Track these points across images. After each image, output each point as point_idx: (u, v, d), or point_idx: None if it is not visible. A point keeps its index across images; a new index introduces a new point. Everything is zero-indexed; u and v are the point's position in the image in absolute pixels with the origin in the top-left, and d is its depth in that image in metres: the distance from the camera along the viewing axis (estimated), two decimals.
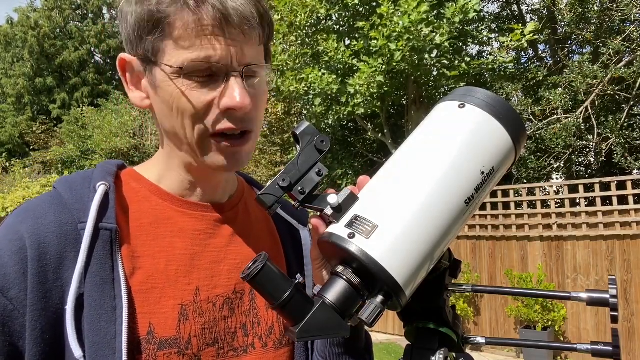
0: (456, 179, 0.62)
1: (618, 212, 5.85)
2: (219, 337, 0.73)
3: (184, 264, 0.73)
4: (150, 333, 0.67)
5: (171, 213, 0.76)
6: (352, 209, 0.62)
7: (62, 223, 0.68)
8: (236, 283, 0.78)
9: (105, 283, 0.65)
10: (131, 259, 0.70)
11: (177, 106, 0.70)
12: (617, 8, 7.87)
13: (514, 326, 6.50)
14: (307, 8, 8.06)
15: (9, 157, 24.52)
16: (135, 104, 0.76)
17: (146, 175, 0.79)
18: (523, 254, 6.50)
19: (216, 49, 0.67)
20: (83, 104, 21.68)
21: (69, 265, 0.66)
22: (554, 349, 0.75)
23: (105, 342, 0.63)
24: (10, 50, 27.21)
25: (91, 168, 0.79)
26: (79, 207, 0.69)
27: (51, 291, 0.64)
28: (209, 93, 0.69)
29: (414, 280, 0.59)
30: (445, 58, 7.56)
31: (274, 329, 0.79)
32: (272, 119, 12.17)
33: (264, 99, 0.76)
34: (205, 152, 0.72)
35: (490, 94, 0.67)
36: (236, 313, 0.76)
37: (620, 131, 8.12)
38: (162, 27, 0.67)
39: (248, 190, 0.90)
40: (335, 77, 7.90)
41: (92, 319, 0.63)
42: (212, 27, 0.66)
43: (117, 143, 14.33)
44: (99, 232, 0.67)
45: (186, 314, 0.71)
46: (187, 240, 0.75)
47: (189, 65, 0.67)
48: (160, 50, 0.69)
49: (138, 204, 0.75)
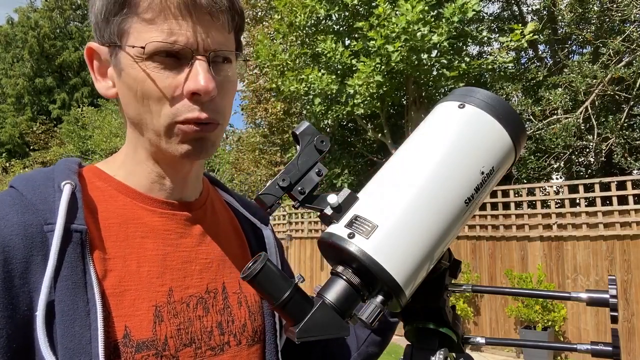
0: (456, 178, 0.62)
1: (618, 212, 5.84)
2: (195, 337, 0.72)
3: (156, 265, 0.72)
4: (126, 336, 0.65)
5: (140, 212, 0.74)
6: (352, 209, 0.62)
7: (26, 224, 0.63)
8: (208, 282, 0.77)
9: (77, 287, 0.62)
10: (102, 261, 0.67)
11: (142, 90, 0.68)
12: (617, 8, 7.87)
13: (514, 326, 6.50)
14: (307, 8, 8.07)
15: (8, 157, 24.55)
16: (102, 94, 0.74)
17: (111, 172, 0.76)
18: (523, 254, 6.51)
19: (181, 30, 0.65)
20: (83, 104, 21.72)
21: (35, 270, 0.62)
22: (554, 349, 0.75)
23: (80, 347, 0.60)
24: (10, 51, 27.22)
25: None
26: (44, 207, 0.65)
27: (17, 297, 0.60)
28: (175, 77, 0.67)
29: (413, 280, 0.59)
30: (444, 58, 7.56)
31: (246, 326, 0.79)
32: (272, 119, 12.16)
33: (231, 89, 0.74)
34: (170, 138, 0.70)
35: (490, 94, 0.67)
36: (211, 312, 0.75)
37: (620, 131, 8.12)
38: (129, 7, 0.66)
39: (212, 190, 0.89)
40: (335, 77, 7.91)
41: (66, 325, 0.60)
42: (177, 8, 0.65)
43: (117, 143, 14.35)
44: (69, 234, 0.64)
45: (161, 316, 0.69)
46: (158, 241, 0.73)
47: (153, 45, 0.65)
48: (126, 32, 0.67)
49: (105, 204, 0.72)
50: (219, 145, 0.80)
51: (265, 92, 12.29)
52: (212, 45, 0.67)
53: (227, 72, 0.72)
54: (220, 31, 0.68)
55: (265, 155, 13.18)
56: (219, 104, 0.71)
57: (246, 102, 13.82)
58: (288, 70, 8.39)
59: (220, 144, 0.82)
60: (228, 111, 0.74)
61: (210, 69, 0.67)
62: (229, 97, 0.73)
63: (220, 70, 0.70)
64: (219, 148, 19.69)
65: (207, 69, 0.67)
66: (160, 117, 0.68)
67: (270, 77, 9.34)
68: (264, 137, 13.14)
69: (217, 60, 0.70)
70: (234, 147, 16.34)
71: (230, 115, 0.76)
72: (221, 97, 0.71)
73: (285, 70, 8.47)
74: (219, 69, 0.70)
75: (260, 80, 12.71)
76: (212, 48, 0.68)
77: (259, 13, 13.43)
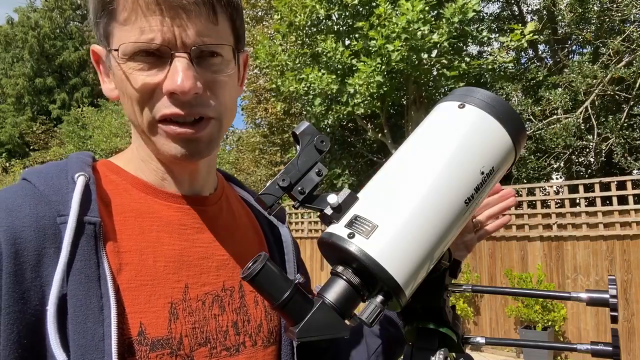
0: (456, 178, 0.62)
1: (618, 212, 5.85)
2: (211, 336, 0.70)
3: (172, 261, 0.69)
4: (141, 333, 0.63)
5: (155, 206, 0.72)
6: (352, 209, 0.62)
7: (39, 216, 0.61)
8: (224, 280, 0.74)
9: (90, 281, 0.60)
10: (117, 254, 0.65)
11: (125, 91, 0.67)
12: (617, 8, 7.87)
13: (514, 326, 6.50)
14: (307, 8, 8.07)
15: (9, 157, 24.55)
16: (106, 95, 0.73)
17: (124, 167, 0.75)
18: (523, 254, 6.51)
19: (152, 28, 0.62)
20: (83, 104, 21.71)
21: (48, 263, 0.60)
22: (554, 349, 0.75)
23: (92, 344, 0.58)
24: (10, 51, 27.22)
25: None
26: (57, 199, 0.63)
27: (29, 291, 0.58)
28: (155, 76, 0.65)
29: (413, 280, 0.59)
30: (444, 58, 7.57)
31: (262, 326, 0.77)
32: (272, 119, 12.17)
33: (226, 83, 0.70)
34: (155, 136, 0.68)
35: (490, 94, 0.67)
36: (227, 311, 0.73)
37: (620, 131, 8.12)
38: (109, 9, 0.65)
39: (227, 186, 0.88)
40: (335, 77, 7.91)
41: (78, 320, 0.58)
42: (147, 6, 0.62)
43: (117, 143, 14.34)
44: (82, 226, 0.62)
45: (176, 313, 0.67)
46: (174, 235, 0.71)
47: (125, 47, 0.63)
48: (110, 34, 0.66)
49: (119, 197, 0.70)
50: (221, 141, 0.78)
51: (265, 92, 12.30)
52: (193, 40, 0.64)
53: (220, 66, 0.68)
54: (202, 24, 0.65)
55: (265, 155, 13.18)
56: (209, 100, 0.68)
57: (246, 102, 13.83)
58: (288, 70, 8.39)
59: (222, 139, 0.79)
60: (225, 105, 0.71)
61: (192, 66, 0.64)
62: (222, 91, 0.69)
63: (210, 65, 0.67)
64: (219, 148, 19.55)
65: (187, 67, 0.64)
66: (142, 116, 0.67)
67: (270, 77, 9.35)
68: (264, 137, 13.15)
69: (201, 54, 0.66)
70: (234, 147, 16.35)
71: (231, 110, 0.73)
72: (212, 93, 0.68)
73: (285, 70, 8.47)
74: (207, 64, 0.67)
75: (260, 80, 12.71)
76: (194, 43, 0.64)
77: (259, 13, 13.43)
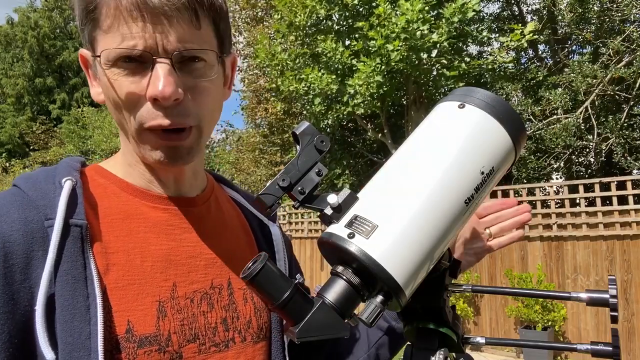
0: (456, 179, 0.62)
1: (618, 212, 5.85)
2: (199, 332, 0.72)
3: (160, 260, 0.71)
4: (129, 331, 0.65)
5: (142, 208, 0.74)
6: (352, 208, 0.62)
7: (27, 220, 0.63)
8: (213, 278, 0.76)
9: (77, 282, 0.62)
10: (104, 255, 0.67)
11: (109, 97, 0.68)
12: (617, 8, 7.87)
13: (514, 326, 6.50)
14: (307, 8, 8.07)
15: (8, 157, 24.57)
16: (94, 99, 0.73)
17: (112, 170, 0.76)
18: (523, 254, 6.51)
19: (133, 34, 0.63)
20: (83, 104, 21.72)
21: (37, 265, 0.62)
22: (554, 349, 0.75)
23: (79, 342, 0.60)
24: (10, 51, 27.23)
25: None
26: (45, 203, 0.65)
27: (19, 292, 0.60)
28: (138, 82, 0.65)
29: (413, 280, 0.59)
30: (444, 58, 7.57)
31: (251, 323, 0.78)
32: (272, 119, 12.17)
33: (208, 88, 0.70)
34: (143, 146, 0.69)
35: (490, 94, 0.67)
36: (215, 308, 0.75)
37: (620, 131, 8.11)
38: (92, 15, 0.65)
39: (217, 187, 0.89)
40: (335, 77, 7.91)
41: (65, 319, 0.60)
42: (129, 12, 0.62)
43: (117, 143, 14.34)
44: (68, 228, 0.64)
45: (164, 311, 0.69)
46: (162, 236, 0.73)
47: (107, 53, 0.64)
48: (94, 39, 0.67)
49: (107, 200, 0.72)
50: (203, 148, 0.79)
51: (265, 92, 12.29)
52: (175, 45, 0.64)
53: (204, 71, 0.68)
54: (184, 29, 0.65)
55: (265, 155, 13.18)
56: (190, 107, 0.68)
57: (246, 102, 13.83)
58: (288, 70, 8.39)
59: (205, 146, 0.80)
60: (207, 111, 0.71)
61: (174, 72, 0.65)
62: (204, 98, 0.70)
63: (193, 70, 0.67)
64: (219, 148, 19.61)
65: (168, 73, 0.64)
66: (129, 122, 0.68)
67: (270, 77, 9.35)
68: (264, 137, 13.15)
69: (186, 60, 0.66)
70: (234, 147, 16.36)
71: (213, 114, 0.74)
72: (193, 98, 0.68)
73: (285, 70, 8.47)
74: (189, 69, 0.67)
75: (260, 80, 12.71)
76: (175, 48, 0.64)
77: (259, 13, 13.43)
